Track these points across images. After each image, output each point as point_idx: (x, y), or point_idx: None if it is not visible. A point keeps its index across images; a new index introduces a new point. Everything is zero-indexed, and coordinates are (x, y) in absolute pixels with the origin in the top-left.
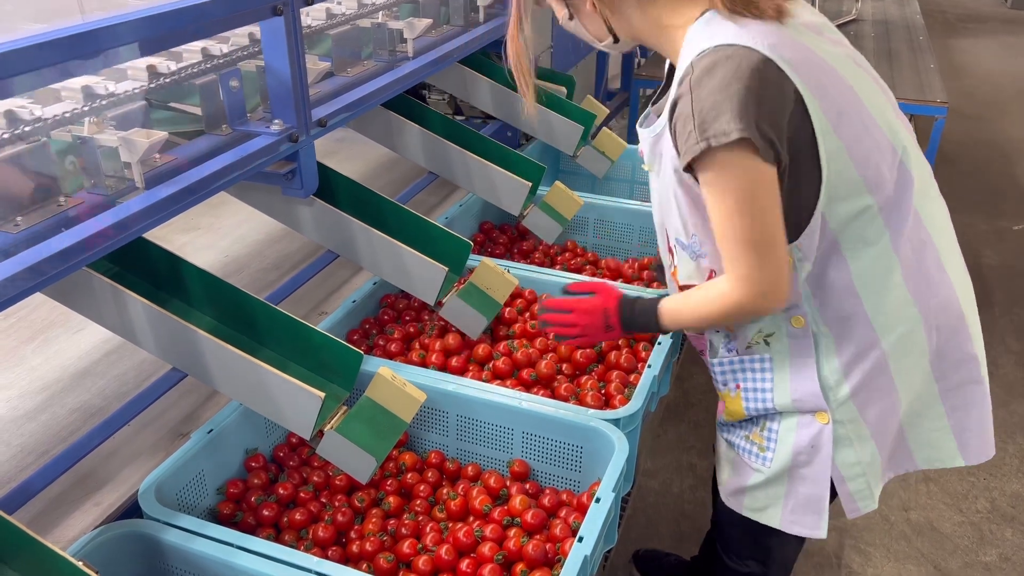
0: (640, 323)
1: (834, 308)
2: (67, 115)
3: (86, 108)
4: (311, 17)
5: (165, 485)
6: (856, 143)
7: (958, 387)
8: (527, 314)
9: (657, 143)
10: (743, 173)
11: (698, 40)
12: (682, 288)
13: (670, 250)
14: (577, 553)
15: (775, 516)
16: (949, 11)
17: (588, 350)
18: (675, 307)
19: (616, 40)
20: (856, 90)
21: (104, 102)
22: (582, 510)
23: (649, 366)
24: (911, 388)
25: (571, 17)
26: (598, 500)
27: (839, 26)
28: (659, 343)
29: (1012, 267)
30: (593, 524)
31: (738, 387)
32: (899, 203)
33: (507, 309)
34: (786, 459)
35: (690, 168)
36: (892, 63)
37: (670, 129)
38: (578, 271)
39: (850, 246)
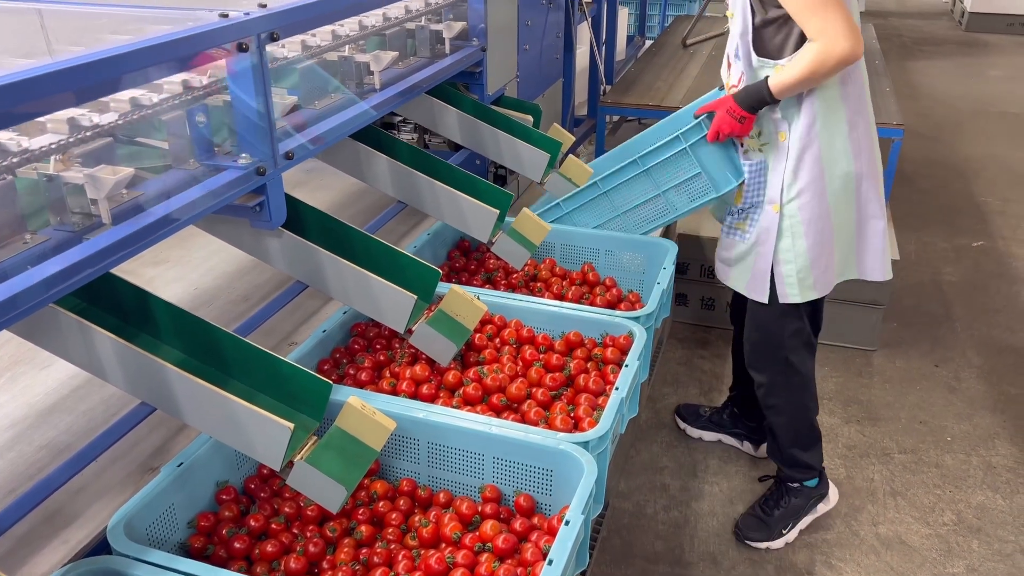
0: (755, 97)
1: (800, 124)
2: (34, 152)
3: (53, 145)
4: (286, 49)
5: (135, 520)
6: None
7: (866, 220)
8: (497, 339)
9: None
10: None
11: None
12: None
13: (728, 66)
14: None
15: (741, 283)
16: (906, 34)
17: (557, 374)
18: (779, 78)
19: None
20: None
21: (71, 139)
22: (552, 533)
23: (617, 388)
24: (840, 215)
25: None
26: (567, 523)
27: None
28: (626, 365)
29: (972, 283)
30: (563, 547)
31: (742, 183)
32: (858, 66)
33: (477, 335)
34: (752, 237)
35: None
36: None
37: None
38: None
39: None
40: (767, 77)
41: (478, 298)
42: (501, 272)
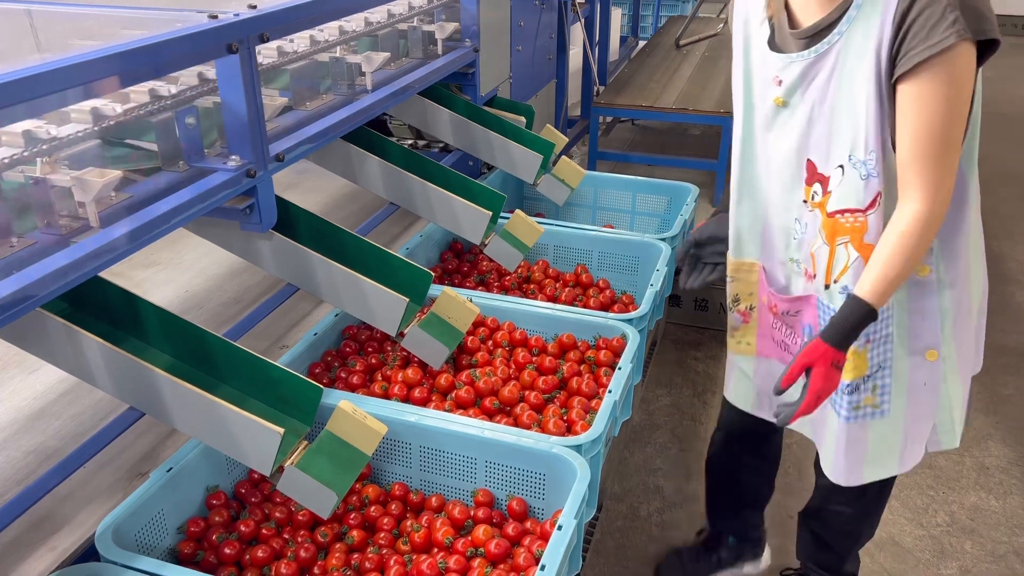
0: (854, 327)
1: (950, 246)
2: (15, 158)
3: (27, 153)
4: (278, 50)
5: (123, 526)
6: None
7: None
8: (490, 342)
9: (818, 61)
10: (968, 74)
11: None
12: (830, 216)
13: (821, 179)
14: None
15: (892, 465)
16: None
17: (550, 376)
18: (875, 277)
19: None
20: None
21: (45, 147)
22: (545, 538)
23: (610, 391)
24: (980, 339)
25: None
26: (560, 528)
27: None
28: (619, 368)
29: None
30: (555, 551)
31: (868, 341)
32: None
33: (469, 338)
34: (902, 405)
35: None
36: None
37: (896, 29)
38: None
39: (971, 186)
40: (850, 293)
41: (471, 300)
42: (494, 274)
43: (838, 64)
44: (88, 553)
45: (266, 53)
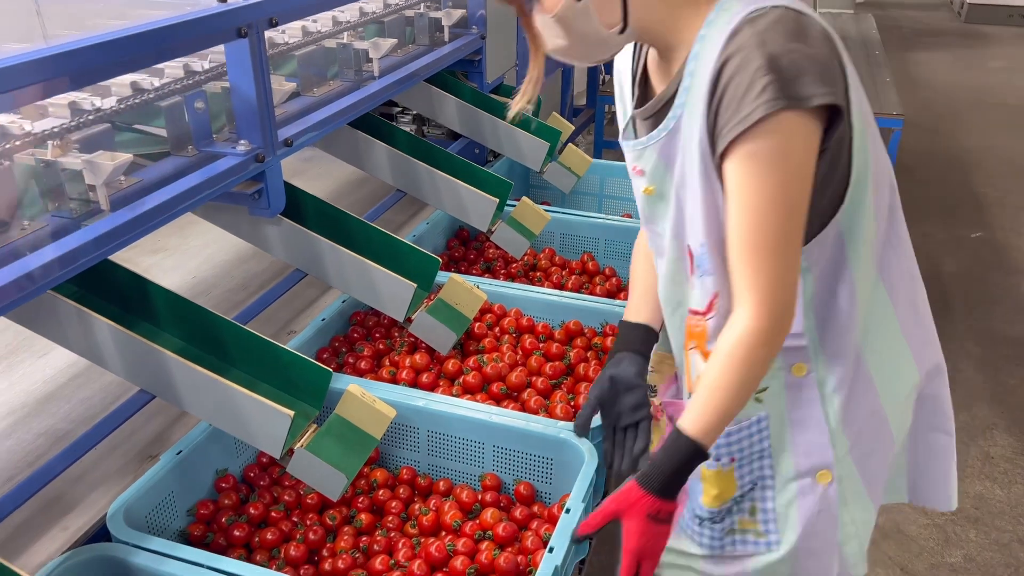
0: (678, 470)
1: (833, 343)
2: (32, 137)
3: (56, 128)
4: (286, 35)
5: (134, 508)
6: (876, 160)
7: (929, 431)
8: (497, 328)
9: (671, 141)
10: (803, 146)
11: (737, 7)
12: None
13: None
14: (548, 563)
15: None
16: (905, 25)
17: (557, 362)
18: (700, 406)
19: (624, 29)
20: (867, 102)
21: (71, 123)
22: (553, 521)
23: None
24: (901, 430)
25: None
26: (568, 511)
27: None
28: None
29: (970, 274)
30: (564, 534)
31: (732, 460)
32: (891, 237)
33: (476, 324)
34: (794, 537)
35: (714, 150)
36: None
37: (708, 100)
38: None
39: (856, 265)
40: (674, 426)
41: (477, 287)
42: (500, 261)
43: (685, 141)
44: (100, 534)
45: (277, 37)
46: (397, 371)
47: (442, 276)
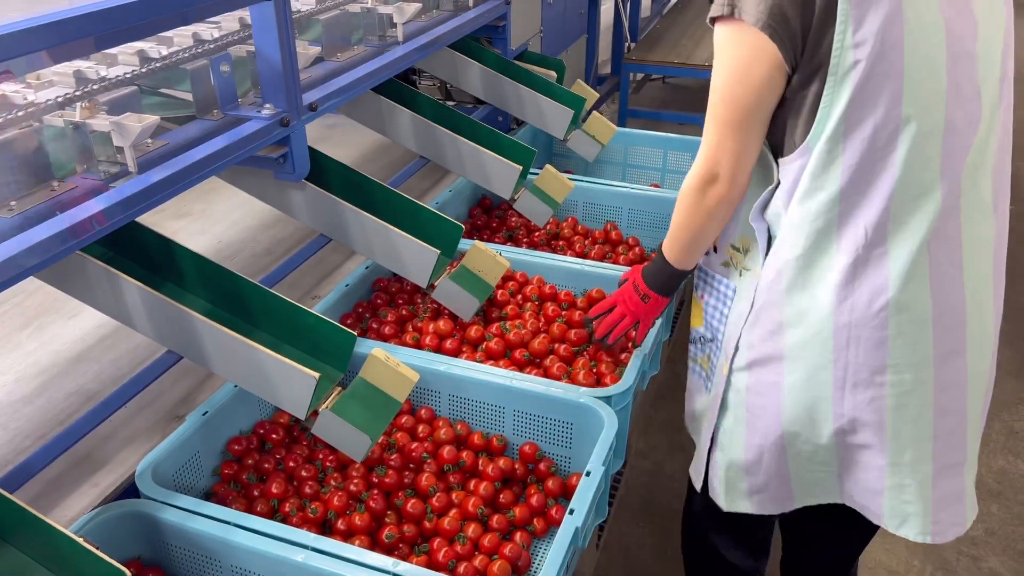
0: (663, 272)
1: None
2: (59, 100)
3: (77, 93)
4: (300, 1)
5: (162, 466)
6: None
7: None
8: (519, 296)
9: None
10: (749, 56)
11: None
12: None
13: None
14: (568, 525)
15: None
16: None
17: (580, 330)
18: (669, 231)
19: None
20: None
21: (96, 87)
22: (572, 485)
23: (639, 346)
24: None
25: None
26: (588, 474)
27: None
28: None
29: None
30: (584, 496)
31: (702, 297)
32: (864, 186)
33: (499, 291)
34: (712, 389)
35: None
36: None
37: None
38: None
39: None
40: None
41: (500, 255)
42: (523, 230)
43: None
44: (129, 491)
45: (302, 1)
46: (421, 337)
47: (465, 243)
